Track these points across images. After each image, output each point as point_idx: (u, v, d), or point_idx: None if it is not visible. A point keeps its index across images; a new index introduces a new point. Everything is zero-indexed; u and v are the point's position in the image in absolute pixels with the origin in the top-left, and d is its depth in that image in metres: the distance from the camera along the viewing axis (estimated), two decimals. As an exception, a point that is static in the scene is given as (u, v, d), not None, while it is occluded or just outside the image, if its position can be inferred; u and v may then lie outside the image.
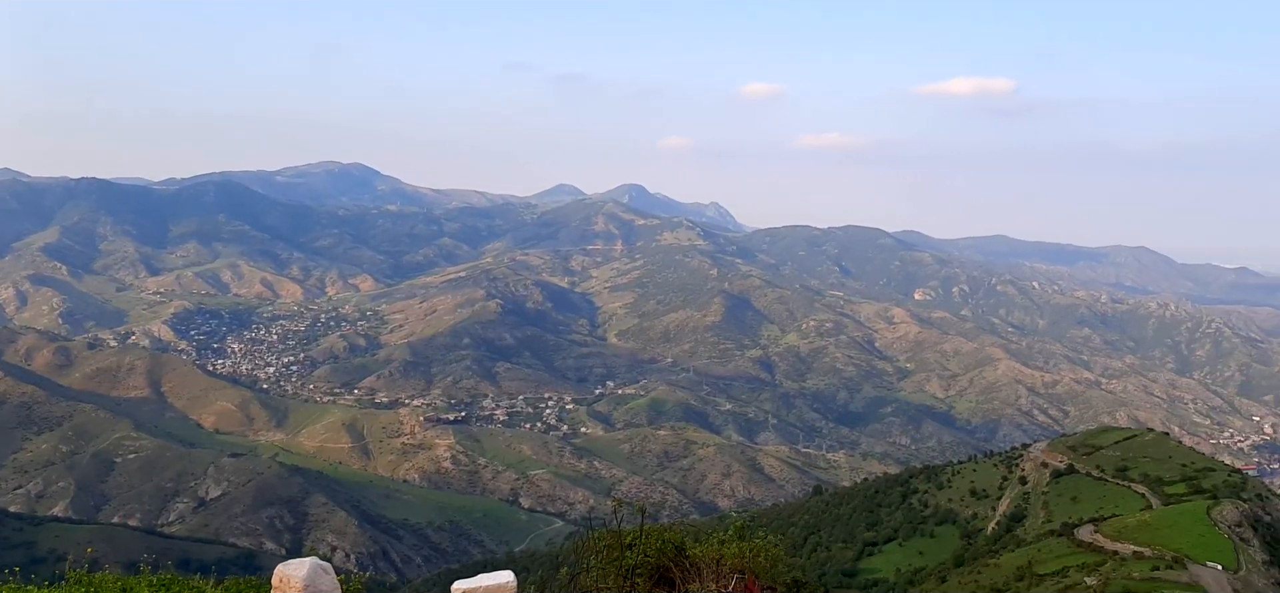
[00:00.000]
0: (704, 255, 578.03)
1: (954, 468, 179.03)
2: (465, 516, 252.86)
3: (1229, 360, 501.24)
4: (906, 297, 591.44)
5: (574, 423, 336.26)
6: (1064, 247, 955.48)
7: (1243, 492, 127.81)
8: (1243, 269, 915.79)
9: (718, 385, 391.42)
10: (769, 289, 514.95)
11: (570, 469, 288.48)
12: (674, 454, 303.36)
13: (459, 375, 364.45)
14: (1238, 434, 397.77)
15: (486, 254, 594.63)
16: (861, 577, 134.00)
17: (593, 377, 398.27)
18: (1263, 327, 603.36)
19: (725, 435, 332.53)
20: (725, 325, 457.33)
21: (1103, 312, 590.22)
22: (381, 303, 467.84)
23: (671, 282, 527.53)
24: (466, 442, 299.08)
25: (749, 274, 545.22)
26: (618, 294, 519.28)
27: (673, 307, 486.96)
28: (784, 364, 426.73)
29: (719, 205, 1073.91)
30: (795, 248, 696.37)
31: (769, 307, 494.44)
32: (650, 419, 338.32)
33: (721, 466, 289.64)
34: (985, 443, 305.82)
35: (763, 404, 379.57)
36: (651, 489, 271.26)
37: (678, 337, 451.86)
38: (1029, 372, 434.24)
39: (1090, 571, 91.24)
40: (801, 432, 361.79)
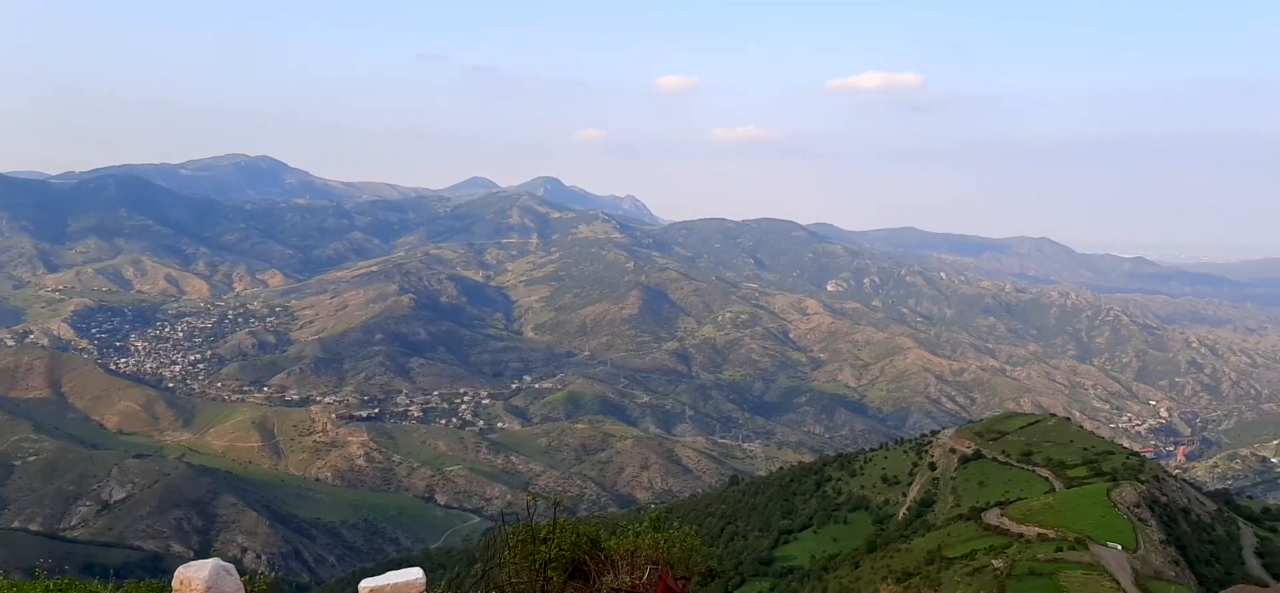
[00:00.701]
0: (620, 248, 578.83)
1: (866, 456, 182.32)
2: (380, 514, 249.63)
3: (1127, 347, 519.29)
4: (820, 288, 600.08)
5: (490, 418, 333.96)
6: (970, 238, 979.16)
7: (1140, 474, 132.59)
8: (1139, 259, 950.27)
9: (635, 378, 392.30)
10: (685, 282, 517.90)
11: (487, 465, 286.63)
12: (592, 448, 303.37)
13: (372, 372, 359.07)
14: (1135, 418, 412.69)
15: (399, 248, 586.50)
16: (777, 565, 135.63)
17: (509, 371, 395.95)
18: (1158, 314, 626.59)
19: (643, 428, 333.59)
20: (642, 318, 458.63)
21: (1007, 301, 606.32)
22: (291, 298, 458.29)
23: (588, 275, 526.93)
24: (380, 439, 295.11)
25: (665, 267, 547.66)
26: (534, 288, 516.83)
27: (589, 300, 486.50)
28: (701, 356, 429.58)
29: (635, 198, 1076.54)
30: (711, 240, 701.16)
31: (685, 299, 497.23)
32: (567, 413, 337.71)
33: (639, 458, 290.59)
34: (896, 430, 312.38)
35: (680, 396, 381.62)
36: (569, 483, 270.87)
37: (595, 330, 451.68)
38: (937, 360, 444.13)
39: (997, 553, 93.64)
40: (718, 423, 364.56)
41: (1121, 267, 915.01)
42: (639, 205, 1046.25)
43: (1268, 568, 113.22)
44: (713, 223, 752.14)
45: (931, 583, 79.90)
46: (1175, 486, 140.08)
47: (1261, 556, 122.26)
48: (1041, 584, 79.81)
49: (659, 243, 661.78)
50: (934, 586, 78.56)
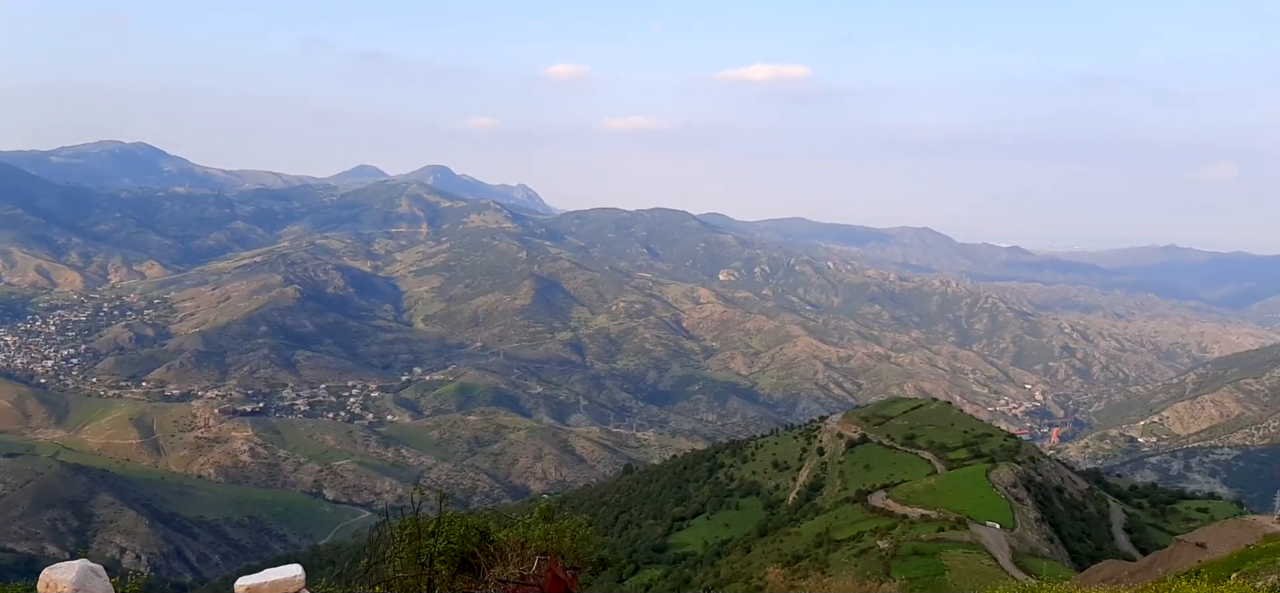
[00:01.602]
0: (513, 238, 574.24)
1: (757, 442, 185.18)
2: (266, 510, 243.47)
3: (1004, 333, 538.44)
4: (712, 277, 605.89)
5: (380, 411, 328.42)
6: (856, 228, 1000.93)
7: (1017, 455, 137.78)
8: (1015, 248, 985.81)
9: (528, 369, 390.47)
10: (579, 272, 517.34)
11: (376, 459, 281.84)
12: (485, 439, 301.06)
13: (256, 365, 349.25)
14: (1012, 401, 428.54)
15: (284, 238, 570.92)
16: (671, 551, 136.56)
17: (399, 363, 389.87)
18: (1033, 301, 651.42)
19: (536, 419, 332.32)
20: (535, 308, 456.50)
21: (891, 289, 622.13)
22: (170, 290, 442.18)
23: (480, 265, 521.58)
24: (265, 434, 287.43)
25: (559, 257, 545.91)
26: (424, 278, 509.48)
27: (481, 290, 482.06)
28: (594, 346, 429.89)
29: (527, 188, 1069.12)
30: (604, 230, 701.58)
31: (579, 289, 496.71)
32: (459, 405, 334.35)
33: (533, 449, 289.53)
34: (786, 417, 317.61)
35: (574, 386, 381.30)
36: (462, 476, 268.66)
37: (487, 321, 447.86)
38: (825, 347, 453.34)
39: (883, 534, 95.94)
40: (612, 412, 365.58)
41: (999, 256, 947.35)
42: (531, 195, 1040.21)
43: (1135, 543, 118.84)
44: (606, 213, 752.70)
45: (820, 565, 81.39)
46: (1049, 466, 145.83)
47: (1129, 531, 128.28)
48: (924, 564, 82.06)
49: (552, 232, 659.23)
50: (822, 568, 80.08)
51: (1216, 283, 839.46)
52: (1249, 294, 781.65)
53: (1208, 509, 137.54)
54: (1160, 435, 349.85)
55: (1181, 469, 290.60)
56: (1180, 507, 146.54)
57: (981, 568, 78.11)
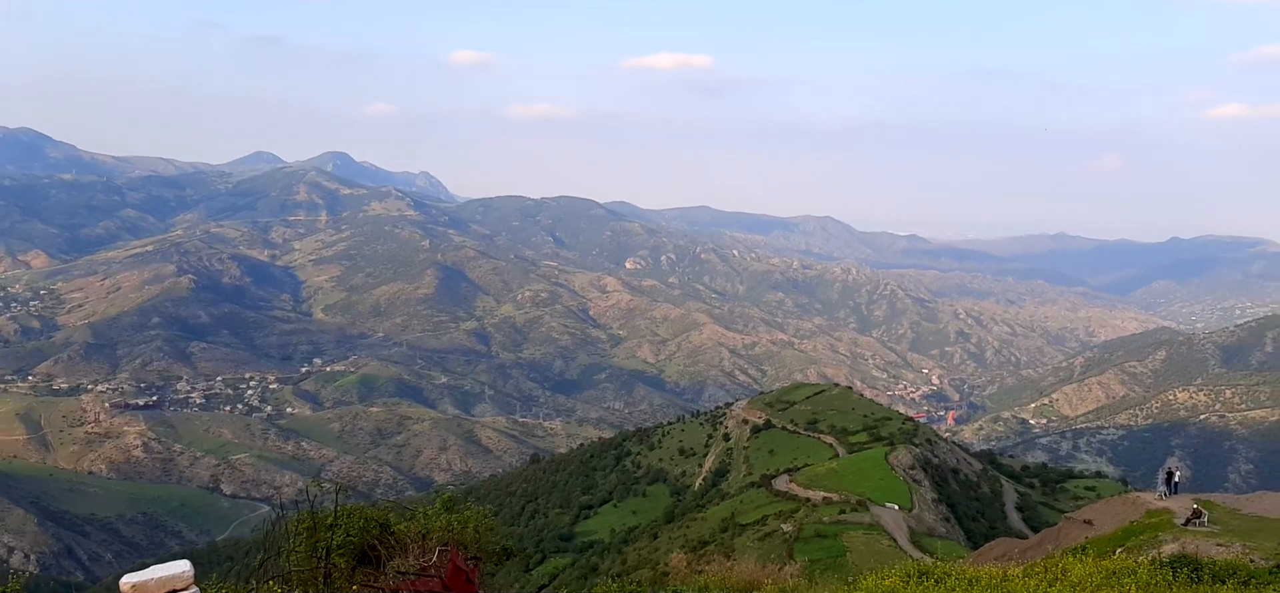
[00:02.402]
0: (415, 226, 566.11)
1: (664, 429, 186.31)
2: (161, 506, 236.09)
3: (902, 319, 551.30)
4: (618, 266, 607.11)
5: (279, 403, 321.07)
6: (760, 217, 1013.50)
7: (915, 438, 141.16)
8: (913, 236, 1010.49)
9: (432, 359, 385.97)
10: (483, 260, 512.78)
11: (276, 452, 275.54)
12: (388, 431, 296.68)
13: (149, 357, 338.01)
14: (910, 386, 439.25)
15: (177, 226, 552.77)
16: (578, 540, 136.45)
17: (298, 354, 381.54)
18: (930, 288, 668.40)
19: (441, 409, 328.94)
20: (439, 297, 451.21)
21: (794, 277, 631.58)
22: (57, 281, 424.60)
23: (381, 253, 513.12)
24: (159, 428, 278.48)
25: (463, 245, 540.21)
26: (323, 267, 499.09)
27: (383, 279, 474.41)
28: (500, 335, 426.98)
29: (430, 175, 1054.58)
30: (509, 218, 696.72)
31: (484, 278, 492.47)
32: (362, 396, 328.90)
33: (438, 440, 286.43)
34: (692, 404, 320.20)
35: (479, 376, 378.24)
36: (365, 468, 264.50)
37: (389, 310, 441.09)
38: (731, 335, 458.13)
39: (786, 518, 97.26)
40: (519, 402, 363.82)
41: (897, 244, 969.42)
42: (434, 182, 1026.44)
43: (1027, 521, 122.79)
44: (511, 201, 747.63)
45: (725, 550, 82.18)
46: (946, 448, 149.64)
47: (1021, 509, 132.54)
48: (826, 546, 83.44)
49: (455, 221, 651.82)
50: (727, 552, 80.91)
51: (1102, 270, 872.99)
52: (1133, 280, 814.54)
53: (1095, 487, 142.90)
54: (1050, 417, 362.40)
55: (1070, 449, 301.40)
56: (1069, 485, 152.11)
57: (881, 548, 79.79)
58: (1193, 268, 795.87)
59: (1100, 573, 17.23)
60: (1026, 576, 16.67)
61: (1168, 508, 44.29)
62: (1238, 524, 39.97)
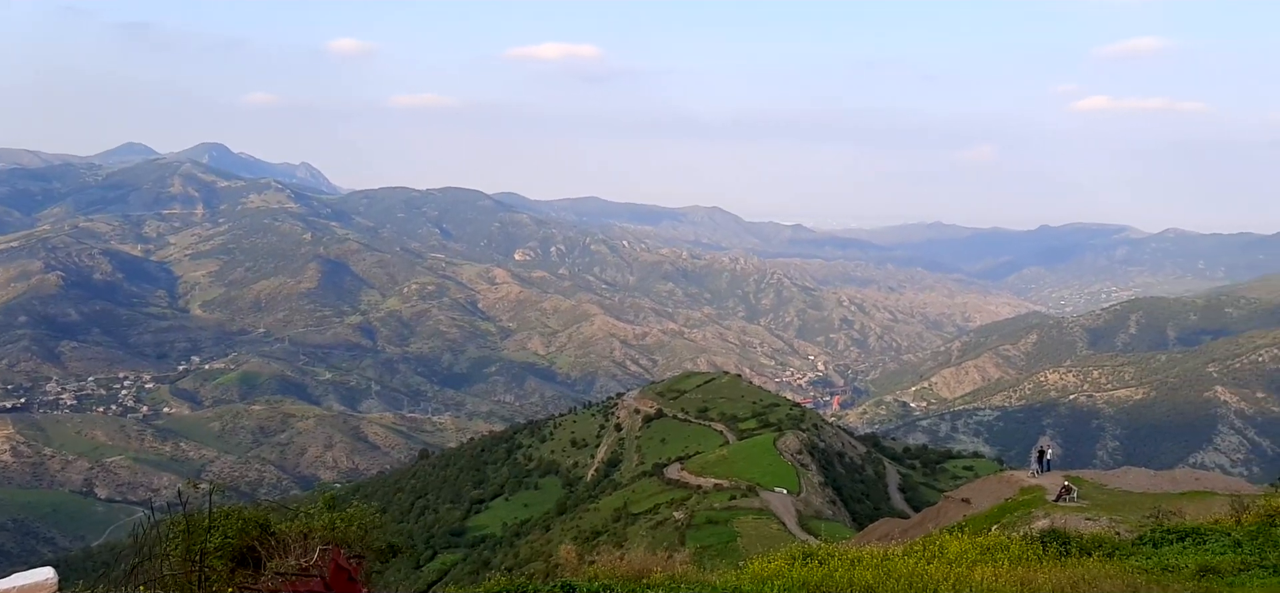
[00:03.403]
0: (296, 219, 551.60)
1: (556, 421, 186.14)
2: (31, 512, 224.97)
3: (789, 307, 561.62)
4: (507, 257, 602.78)
5: (155, 403, 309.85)
6: (649, 207, 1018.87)
7: (802, 423, 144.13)
8: (798, 226, 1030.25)
9: (316, 354, 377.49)
10: (368, 253, 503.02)
11: (153, 453, 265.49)
12: (270, 429, 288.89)
13: (15, 358, 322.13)
14: (797, 372, 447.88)
15: (43, 221, 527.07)
16: (470, 535, 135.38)
17: (175, 352, 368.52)
18: (815, 277, 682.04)
19: (326, 406, 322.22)
20: (322, 292, 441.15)
21: (684, 267, 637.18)
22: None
23: (261, 247, 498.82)
24: (28, 431, 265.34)
25: (346, 238, 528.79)
26: (200, 262, 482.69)
27: (264, 274, 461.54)
28: (386, 329, 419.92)
29: (311, 166, 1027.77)
30: (394, 210, 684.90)
31: (368, 271, 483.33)
32: (242, 394, 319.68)
33: (323, 437, 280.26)
34: (584, 395, 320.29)
35: (365, 371, 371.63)
36: (247, 468, 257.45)
37: (270, 306, 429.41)
38: (622, 326, 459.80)
39: (678, 505, 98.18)
40: (407, 397, 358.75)
41: (783, 233, 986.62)
42: (315, 174, 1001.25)
43: (909, 501, 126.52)
44: (396, 192, 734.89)
45: (617, 540, 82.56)
46: (831, 432, 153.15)
47: (904, 490, 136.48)
48: (717, 532, 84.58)
49: (338, 213, 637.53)
50: (620, 542, 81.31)
51: (977, 257, 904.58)
52: (1006, 267, 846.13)
53: (972, 467, 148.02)
54: (930, 400, 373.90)
55: (949, 431, 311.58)
56: (948, 466, 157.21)
57: (770, 532, 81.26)
58: (1061, 254, 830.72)
59: (975, 549, 17.88)
60: (907, 554, 17.17)
61: (1040, 485, 46.11)
62: (1105, 499, 41.88)
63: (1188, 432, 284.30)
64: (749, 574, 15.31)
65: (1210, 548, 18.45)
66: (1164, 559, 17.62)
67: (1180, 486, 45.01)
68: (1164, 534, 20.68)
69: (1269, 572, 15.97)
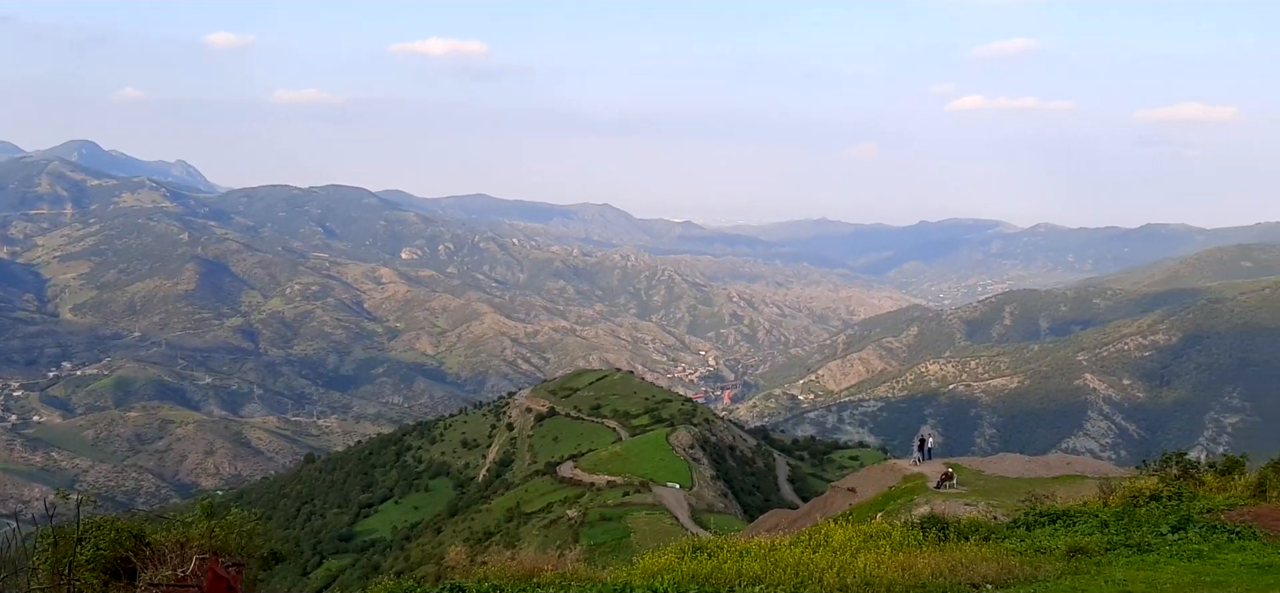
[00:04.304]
0: (172, 218, 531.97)
1: (446, 422, 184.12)
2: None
3: (680, 303, 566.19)
4: (393, 256, 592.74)
5: (24, 411, 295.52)
6: (539, 204, 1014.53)
7: (693, 418, 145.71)
8: (688, 223, 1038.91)
9: (195, 358, 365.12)
10: (248, 253, 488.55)
11: (22, 464, 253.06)
12: (148, 436, 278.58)
13: None
14: (688, 368, 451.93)
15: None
16: (359, 539, 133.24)
17: (44, 358, 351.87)
18: (705, 273, 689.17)
19: (206, 411, 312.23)
20: (200, 293, 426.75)
21: (575, 264, 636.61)
22: None
23: (136, 248, 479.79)
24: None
25: (225, 238, 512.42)
26: (70, 264, 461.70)
27: (139, 275, 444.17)
28: (268, 331, 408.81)
29: (187, 164, 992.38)
30: (275, 209, 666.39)
31: (249, 271, 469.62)
32: (118, 400, 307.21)
33: (203, 443, 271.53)
34: (474, 395, 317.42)
35: (247, 375, 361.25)
36: (123, 477, 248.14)
37: (146, 308, 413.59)
38: (512, 324, 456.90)
39: (571, 503, 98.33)
40: (291, 400, 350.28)
41: (673, 230, 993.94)
42: (192, 172, 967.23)
43: (798, 491, 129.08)
44: (277, 190, 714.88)
45: (510, 540, 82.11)
46: (722, 427, 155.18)
47: (793, 481, 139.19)
48: (611, 529, 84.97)
49: (216, 212, 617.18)
50: (513, 542, 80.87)
51: (861, 252, 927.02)
52: (888, 262, 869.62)
53: (858, 457, 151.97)
54: (817, 392, 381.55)
55: (836, 422, 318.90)
56: (835, 456, 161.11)
57: (664, 527, 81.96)
58: (939, 249, 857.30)
59: (859, 537, 18.36)
60: (794, 544, 17.53)
61: (922, 473, 47.50)
62: (982, 484, 43.42)
63: (1060, 418, 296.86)
64: (640, 570, 15.42)
65: (1079, 529, 19.29)
66: (1036, 541, 18.36)
67: (1053, 470, 46.96)
68: (1037, 517, 21.55)
69: (1133, 550, 16.77)
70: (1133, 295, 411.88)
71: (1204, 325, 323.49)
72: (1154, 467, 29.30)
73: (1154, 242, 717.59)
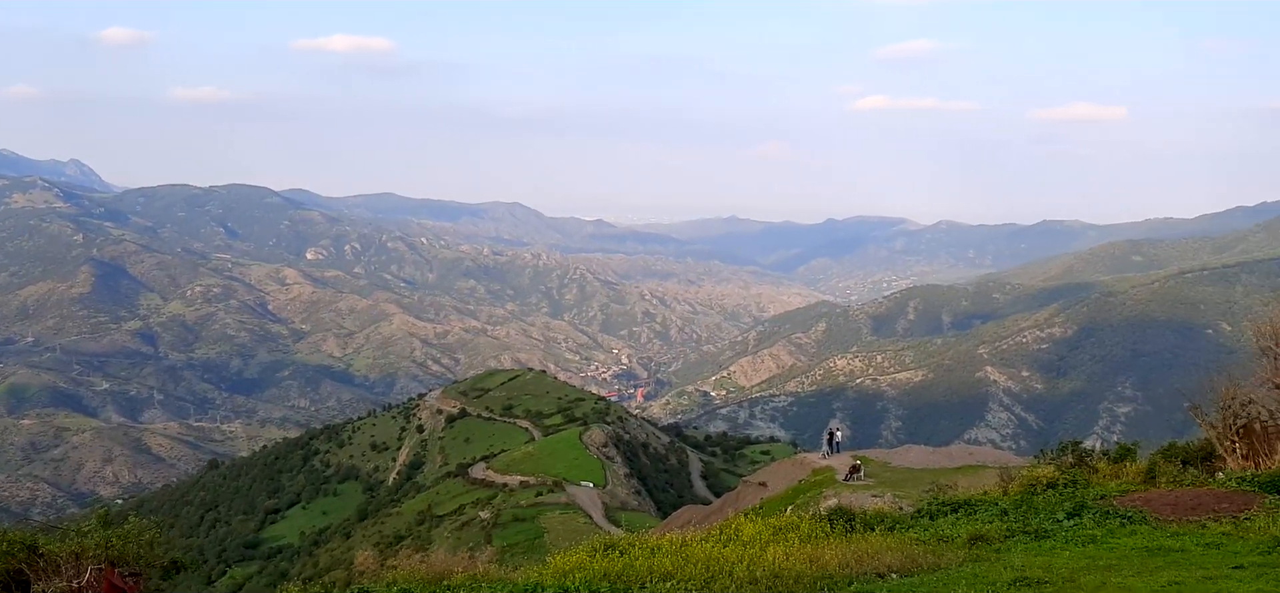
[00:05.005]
0: (66, 219, 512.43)
1: (354, 425, 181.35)
2: None
3: (592, 302, 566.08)
4: (298, 257, 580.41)
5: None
6: (448, 203, 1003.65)
7: (607, 417, 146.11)
8: (599, 221, 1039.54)
9: (92, 363, 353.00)
10: (146, 254, 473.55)
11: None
12: (42, 444, 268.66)
13: None
14: (601, 366, 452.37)
15: None
16: (265, 546, 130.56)
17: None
18: (617, 271, 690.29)
19: (104, 418, 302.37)
20: (97, 296, 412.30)
21: (485, 263, 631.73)
22: None
23: (27, 250, 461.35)
24: None
25: (122, 239, 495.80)
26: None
27: (30, 278, 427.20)
28: (169, 335, 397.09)
29: (82, 163, 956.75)
30: (174, 209, 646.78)
31: (148, 273, 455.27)
32: (11, 408, 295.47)
33: (101, 451, 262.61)
34: (383, 397, 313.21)
35: (147, 380, 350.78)
36: (17, 487, 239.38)
37: (38, 312, 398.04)
38: (422, 324, 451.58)
39: (484, 505, 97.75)
40: (193, 405, 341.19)
41: (584, 228, 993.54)
42: (87, 171, 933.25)
43: (711, 487, 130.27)
44: (176, 189, 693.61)
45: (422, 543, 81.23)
46: (636, 424, 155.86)
47: (706, 477, 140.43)
48: (524, 529, 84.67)
49: (113, 213, 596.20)
50: (424, 545, 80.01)
51: (770, 249, 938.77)
52: (796, 259, 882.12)
53: (769, 451, 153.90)
54: (729, 389, 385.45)
55: (747, 418, 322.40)
56: (747, 451, 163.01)
57: (577, 526, 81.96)
58: (846, 246, 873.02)
59: (769, 530, 18.64)
60: (705, 540, 17.71)
61: (830, 466, 48.45)
62: (889, 475, 44.46)
63: (962, 410, 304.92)
64: (551, 569, 15.43)
65: (980, 518, 19.84)
66: (939, 530, 18.85)
67: (955, 461, 48.34)
68: (940, 507, 22.09)
69: (1031, 537, 17.34)
70: (1030, 290, 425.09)
71: (1098, 319, 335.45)
72: (1051, 456, 30.18)
73: (1050, 238, 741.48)
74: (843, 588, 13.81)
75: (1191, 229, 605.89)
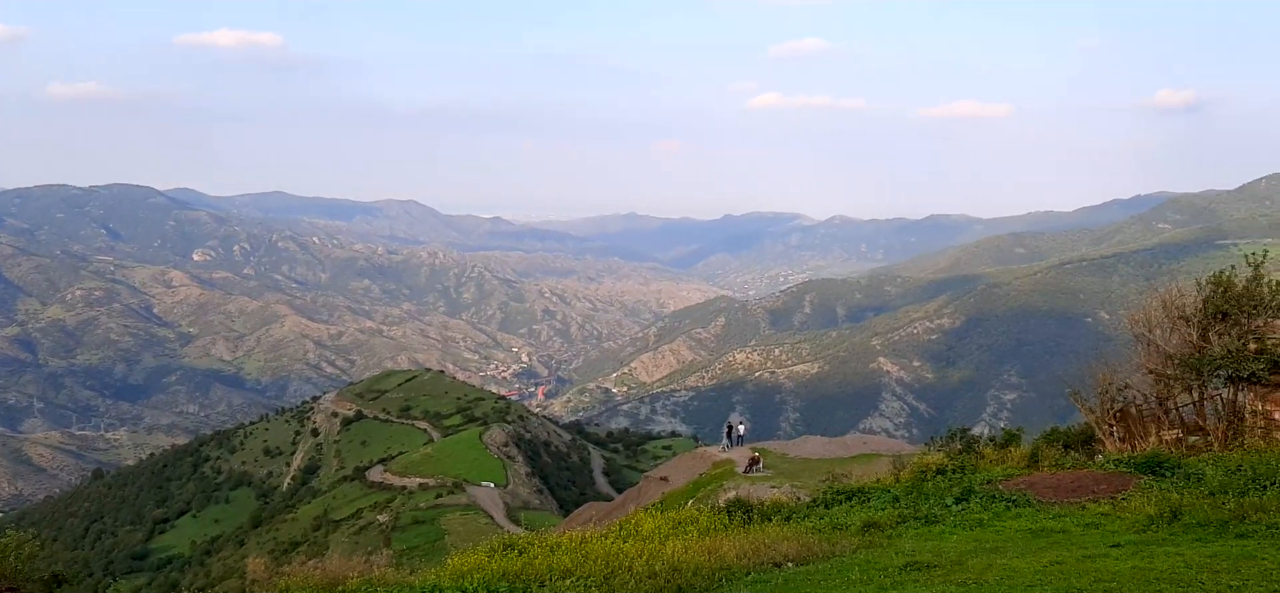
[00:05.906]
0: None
1: (246, 430, 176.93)
2: None
3: (491, 301, 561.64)
4: (185, 258, 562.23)
5: None
6: (341, 202, 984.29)
7: (507, 416, 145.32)
8: (496, 219, 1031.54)
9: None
10: (23, 257, 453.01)
11: None
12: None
13: None
14: (501, 365, 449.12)
15: None
16: (154, 557, 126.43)
17: None
18: (516, 269, 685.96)
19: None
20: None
21: (380, 263, 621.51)
22: None
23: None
24: None
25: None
26: None
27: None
28: (48, 341, 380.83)
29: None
30: (52, 210, 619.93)
31: (24, 277, 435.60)
32: None
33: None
34: (276, 401, 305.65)
35: (25, 388, 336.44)
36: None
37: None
38: (315, 326, 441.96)
39: (382, 508, 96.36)
40: (75, 413, 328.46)
41: (482, 226, 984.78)
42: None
43: (613, 484, 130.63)
44: (54, 190, 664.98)
45: (318, 549, 79.66)
46: (537, 423, 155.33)
47: (608, 474, 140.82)
48: (424, 531, 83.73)
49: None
50: (320, 551, 78.37)
51: (669, 245, 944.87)
52: (695, 255, 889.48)
53: (671, 446, 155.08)
54: (630, 385, 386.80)
55: (649, 413, 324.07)
56: (649, 447, 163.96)
57: (479, 527, 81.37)
58: (743, 241, 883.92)
59: (669, 525, 18.82)
60: (605, 536, 17.78)
61: (731, 459, 49.01)
62: (787, 467, 45.18)
63: (857, 400, 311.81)
64: (450, 571, 15.29)
65: (873, 505, 20.35)
66: (834, 518, 19.27)
67: (850, 450, 49.36)
68: (835, 496, 22.59)
69: (922, 522, 17.84)
70: (920, 283, 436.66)
71: (984, 309, 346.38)
72: (941, 443, 31.09)
73: (938, 231, 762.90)
74: (740, 579, 14.01)
75: (1071, 222, 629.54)
